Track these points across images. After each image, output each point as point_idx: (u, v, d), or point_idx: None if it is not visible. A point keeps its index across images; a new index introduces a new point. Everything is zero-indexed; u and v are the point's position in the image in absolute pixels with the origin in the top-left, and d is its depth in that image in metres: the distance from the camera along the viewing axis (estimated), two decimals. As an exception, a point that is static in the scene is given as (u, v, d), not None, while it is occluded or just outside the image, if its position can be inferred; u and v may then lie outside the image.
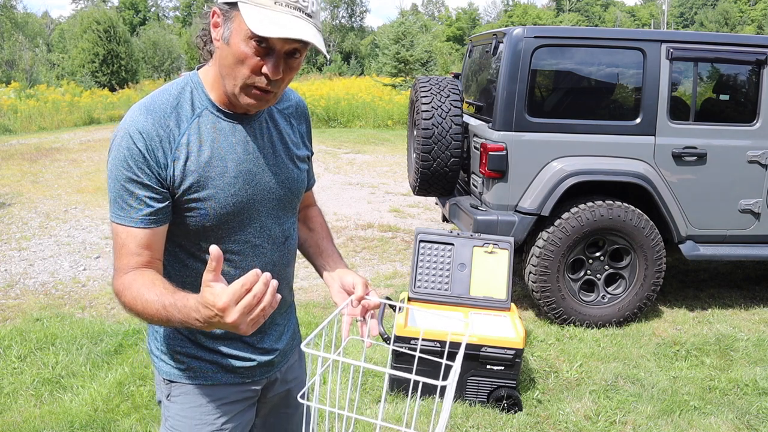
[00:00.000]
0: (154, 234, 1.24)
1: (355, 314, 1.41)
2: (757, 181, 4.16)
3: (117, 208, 1.22)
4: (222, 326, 1.05)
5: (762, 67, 4.10)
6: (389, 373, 1.03)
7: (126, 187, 1.20)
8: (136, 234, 1.22)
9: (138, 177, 1.20)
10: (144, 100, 1.26)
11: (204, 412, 1.37)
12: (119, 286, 1.22)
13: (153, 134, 1.20)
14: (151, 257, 1.24)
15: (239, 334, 1.08)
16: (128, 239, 1.22)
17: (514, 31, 4.04)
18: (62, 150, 11.15)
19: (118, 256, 1.24)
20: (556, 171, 3.97)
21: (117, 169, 1.20)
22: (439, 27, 69.28)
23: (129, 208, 1.21)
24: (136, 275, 1.21)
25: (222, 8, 1.19)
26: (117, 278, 1.23)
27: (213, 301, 1.01)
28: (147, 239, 1.23)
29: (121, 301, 1.22)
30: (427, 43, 20.32)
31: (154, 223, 1.23)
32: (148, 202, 1.21)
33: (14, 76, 25.87)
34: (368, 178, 9.14)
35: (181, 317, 1.11)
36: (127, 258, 1.22)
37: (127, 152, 1.19)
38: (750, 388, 3.41)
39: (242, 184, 1.29)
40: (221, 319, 1.02)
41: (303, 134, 1.48)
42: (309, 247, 1.58)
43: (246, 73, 1.18)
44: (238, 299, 1.00)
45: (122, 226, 1.22)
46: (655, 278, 4.11)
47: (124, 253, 1.22)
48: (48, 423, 2.90)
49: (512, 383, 3.12)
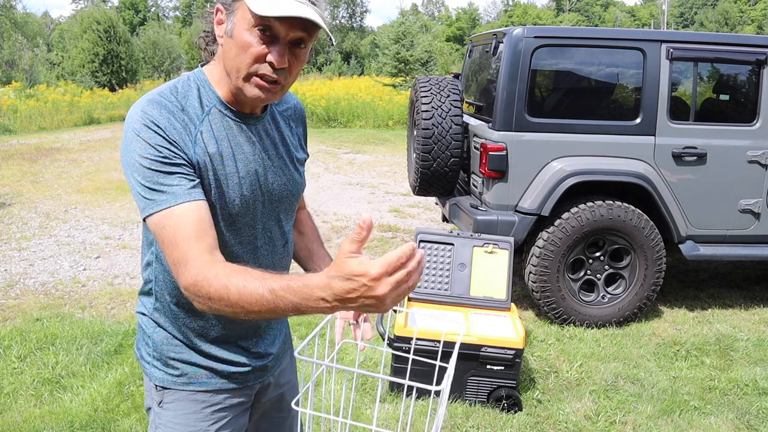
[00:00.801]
0: (204, 209, 1.14)
1: (348, 318, 1.40)
2: (757, 181, 4.16)
3: (154, 196, 1.12)
4: (362, 301, 0.90)
5: (762, 67, 4.10)
6: (382, 378, 1.02)
7: (159, 171, 1.13)
8: (186, 210, 1.11)
9: (169, 158, 1.14)
10: (150, 96, 1.20)
11: (198, 418, 1.34)
12: (194, 278, 1.07)
13: (169, 126, 1.16)
14: (212, 241, 1.12)
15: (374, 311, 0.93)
16: (181, 221, 1.11)
17: (514, 31, 4.04)
18: (62, 150, 11.15)
19: (174, 247, 1.10)
20: (556, 171, 3.97)
21: (143, 159, 1.13)
22: (439, 27, 69.29)
23: (169, 188, 1.12)
24: (213, 262, 1.08)
25: (225, 3, 1.18)
26: (185, 272, 1.08)
27: (364, 270, 0.88)
28: (200, 213, 1.13)
29: (202, 294, 1.06)
30: (427, 43, 20.33)
31: (202, 196, 1.15)
32: (188, 176, 1.15)
33: (14, 76, 25.85)
34: (368, 178, 9.14)
35: (298, 299, 0.96)
36: (187, 244, 1.09)
37: (152, 139, 1.13)
38: (750, 388, 3.41)
39: (250, 185, 1.27)
40: (368, 290, 0.89)
41: (300, 137, 1.47)
42: (300, 250, 1.56)
43: (249, 61, 1.15)
44: (393, 271, 0.89)
45: (167, 210, 1.11)
46: (655, 278, 4.11)
47: (180, 239, 1.10)
48: (48, 423, 2.90)
49: (512, 383, 3.12)
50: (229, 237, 1.28)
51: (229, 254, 1.29)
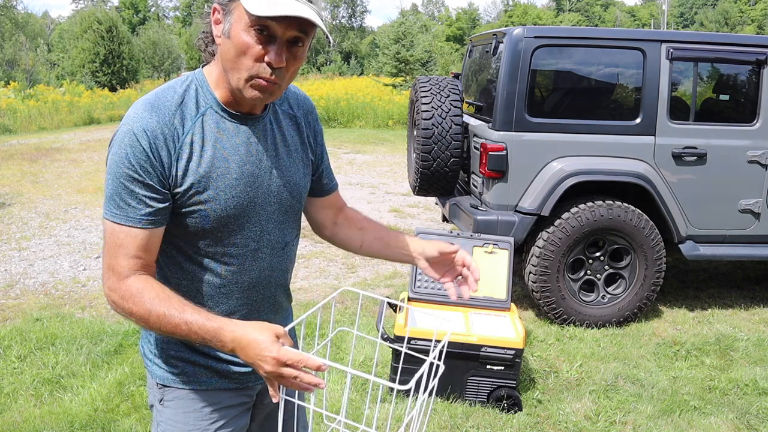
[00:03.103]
0: (153, 235, 1.21)
1: (455, 274, 1.44)
2: (757, 181, 4.16)
3: (114, 206, 1.19)
4: (252, 361, 1.11)
5: (762, 67, 4.10)
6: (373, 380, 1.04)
7: (126, 186, 1.17)
8: (135, 234, 1.19)
9: (140, 176, 1.17)
10: (148, 97, 1.23)
11: (198, 417, 1.35)
12: (122, 292, 1.19)
13: (157, 132, 1.18)
14: (148, 260, 1.22)
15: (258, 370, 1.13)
16: (126, 239, 1.19)
17: (514, 31, 4.04)
18: (62, 150, 11.15)
19: (113, 256, 1.20)
20: (556, 171, 3.97)
21: (118, 167, 1.17)
22: (439, 27, 69.30)
23: (127, 207, 1.18)
24: (141, 282, 1.19)
25: (222, 2, 1.19)
26: (113, 281, 1.20)
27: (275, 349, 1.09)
28: (146, 240, 1.20)
29: (125, 309, 1.19)
30: (427, 43, 20.32)
31: (153, 224, 1.20)
32: (148, 202, 1.18)
33: (14, 76, 25.86)
34: (368, 178, 9.15)
35: (208, 337, 1.15)
36: (125, 260, 1.19)
37: (130, 150, 1.17)
38: (750, 388, 3.41)
39: (244, 187, 1.27)
40: (261, 360, 1.09)
41: (310, 135, 1.44)
42: (371, 244, 1.52)
43: (249, 63, 1.16)
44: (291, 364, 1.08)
45: (119, 225, 1.19)
46: (655, 278, 4.11)
47: (121, 254, 1.19)
48: (48, 423, 2.90)
49: (512, 383, 3.12)
50: (224, 238, 1.28)
51: (225, 256, 1.29)
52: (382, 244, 1.51)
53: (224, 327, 1.13)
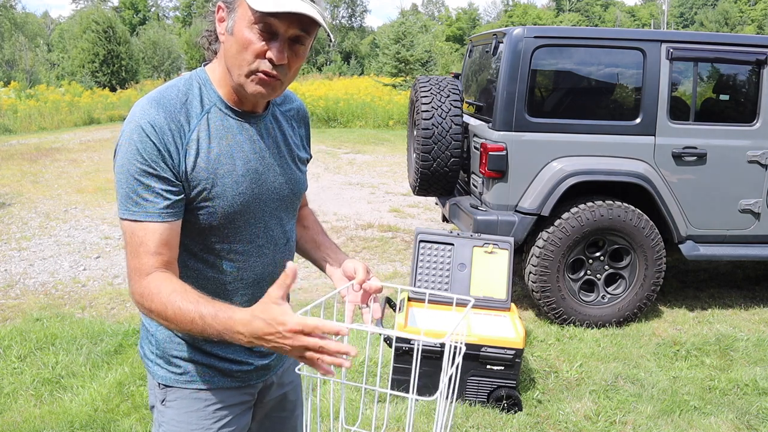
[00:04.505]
0: (172, 229, 1.20)
1: (357, 301, 1.39)
2: (757, 181, 4.16)
3: (131, 204, 1.17)
4: (273, 345, 1.04)
5: (762, 67, 4.10)
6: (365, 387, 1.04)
7: (141, 181, 1.16)
8: (155, 229, 1.17)
9: (153, 169, 1.16)
10: (152, 95, 1.23)
11: (200, 416, 1.35)
12: (142, 290, 1.17)
13: (165, 127, 1.18)
14: (170, 257, 1.20)
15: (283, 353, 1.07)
16: (147, 236, 1.17)
17: (514, 31, 4.04)
18: (62, 150, 11.16)
19: (135, 256, 1.18)
20: (556, 171, 3.97)
21: (130, 163, 1.16)
22: (439, 27, 69.29)
23: (145, 203, 1.17)
24: (161, 279, 1.16)
25: (226, 0, 1.21)
26: (137, 281, 1.18)
27: (283, 320, 1.01)
28: (166, 234, 1.18)
29: (145, 307, 1.17)
30: (427, 43, 20.32)
31: (173, 216, 1.19)
32: (165, 195, 1.18)
33: (14, 76, 25.87)
34: (368, 178, 9.15)
35: (221, 329, 1.09)
36: (147, 257, 1.17)
37: (140, 144, 1.16)
38: (750, 388, 3.41)
39: (249, 183, 1.28)
40: (280, 338, 1.02)
41: (303, 137, 1.48)
42: (305, 243, 1.57)
43: (250, 58, 1.18)
44: (309, 332, 1.00)
45: (138, 222, 1.17)
46: (655, 278, 4.11)
47: (143, 252, 1.17)
48: (48, 423, 2.90)
49: (512, 383, 3.12)
50: (229, 235, 1.29)
51: (231, 252, 1.30)
52: (314, 247, 1.54)
53: (234, 316, 1.08)
